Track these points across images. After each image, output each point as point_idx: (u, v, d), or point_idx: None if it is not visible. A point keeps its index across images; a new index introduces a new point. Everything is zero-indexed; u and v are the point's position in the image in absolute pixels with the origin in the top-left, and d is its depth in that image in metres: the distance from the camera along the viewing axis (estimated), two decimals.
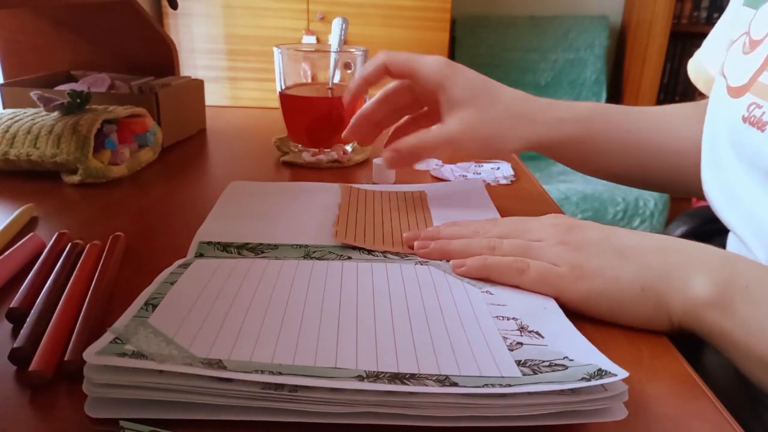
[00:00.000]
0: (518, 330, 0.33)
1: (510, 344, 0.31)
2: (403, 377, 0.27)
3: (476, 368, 0.28)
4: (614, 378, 0.27)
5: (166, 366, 0.25)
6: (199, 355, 0.27)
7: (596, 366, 0.28)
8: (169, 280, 0.35)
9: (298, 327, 0.31)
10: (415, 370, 0.28)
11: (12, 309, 0.34)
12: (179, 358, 0.26)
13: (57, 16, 0.78)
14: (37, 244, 0.43)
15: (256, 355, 0.28)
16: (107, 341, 0.27)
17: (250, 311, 0.32)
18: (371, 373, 0.27)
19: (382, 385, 0.26)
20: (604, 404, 0.27)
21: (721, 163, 0.45)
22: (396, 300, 0.35)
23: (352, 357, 0.28)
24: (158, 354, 0.26)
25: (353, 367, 0.27)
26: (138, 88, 0.71)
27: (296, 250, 0.43)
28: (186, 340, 0.28)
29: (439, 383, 0.26)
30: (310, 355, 0.28)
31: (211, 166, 0.69)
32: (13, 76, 0.79)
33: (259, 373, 0.26)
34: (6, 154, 0.58)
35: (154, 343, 0.28)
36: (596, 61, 2.50)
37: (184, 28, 2.24)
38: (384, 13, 2.21)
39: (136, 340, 0.27)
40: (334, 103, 0.69)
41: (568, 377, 0.27)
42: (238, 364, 0.27)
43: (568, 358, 0.30)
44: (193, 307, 0.32)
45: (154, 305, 0.32)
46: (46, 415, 0.28)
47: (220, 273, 0.37)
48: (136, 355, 0.26)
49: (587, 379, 0.27)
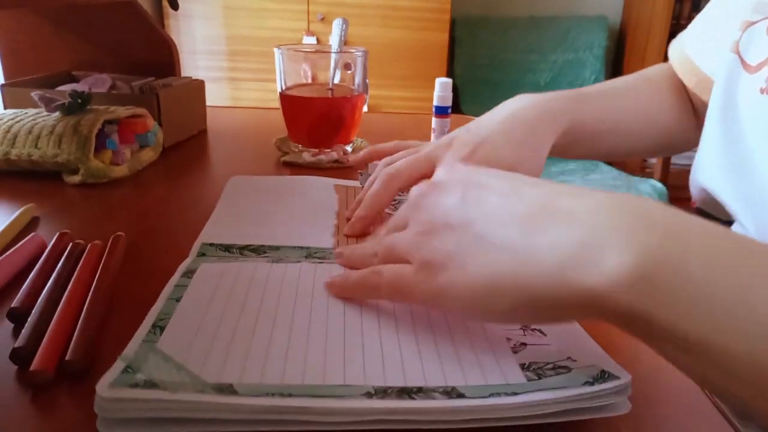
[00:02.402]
0: (521, 329, 0.33)
1: (514, 345, 0.32)
2: (411, 391, 0.27)
3: (481, 376, 0.29)
4: (617, 381, 0.27)
5: (179, 396, 0.26)
6: (210, 380, 0.27)
7: (599, 368, 0.29)
8: (175, 295, 0.35)
9: (305, 341, 0.31)
10: (422, 382, 0.28)
11: (13, 309, 0.34)
12: (190, 386, 0.27)
13: (58, 16, 0.78)
14: (38, 244, 0.43)
15: (265, 375, 0.28)
16: (118, 371, 0.27)
17: (258, 327, 0.32)
18: (379, 389, 0.27)
19: (391, 401, 0.27)
20: (608, 400, 0.27)
21: (736, 139, 0.45)
22: (400, 306, 0.35)
23: (360, 371, 0.29)
24: (170, 383, 0.27)
25: (361, 383, 0.28)
26: (139, 88, 0.71)
27: (297, 251, 0.43)
28: (196, 365, 0.29)
29: (446, 395, 0.27)
30: (319, 372, 0.29)
31: (211, 166, 0.69)
32: (14, 77, 0.79)
33: (270, 397, 0.26)
34: (7, 155, 0.58)
35: (165, 369, 0.28)
36: (595, 62, 2.50)
37: (185, 28, 2.24)
38: (384, 14, 2.21)
39: (147, 368, 0.28)
40: (334, 103, 0.69)
41: (571, 381, 0.28)
42: (249, 387, 0.27)
43: (571, 359, 0.30)
44: (200, 326, 0.32)
45: (161, 327, 0.32)
46: (47, 415, 0.28)
47: (224, 283, 0.37)
48: (148, 385, 0.26)
49: (590, 383, 0.27)
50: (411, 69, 2.28)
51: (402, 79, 2.29)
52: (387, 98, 2.31)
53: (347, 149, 0.69)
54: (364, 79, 0.69)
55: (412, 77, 2.29)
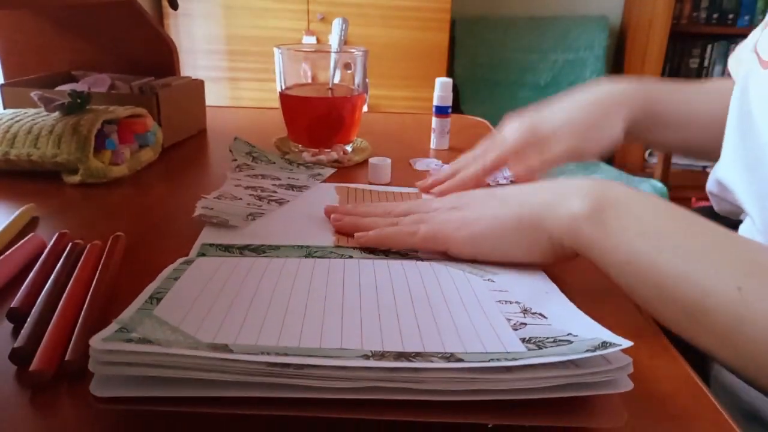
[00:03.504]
0: (521, 312, 0.33)
1: (514, 324, 0.32)
2: (409, 355, 0.27)
3: (481, 345, 0.29)
4: (618, 347, 0.27)
5: (173, 350, 0.25)
6: (205, 340, 0.27)
7: (600, 339, 0.28)
8: (173, 275, 0.36)
9: (303, 314, 0.31)
10: (420, 348, 0.28)
11: (13, 309, 0.34)
12: (185, 343, 0.27)
13: (58, 16, 0.78)
14: (38, 244, 0.43)
15: (261, 338, 0.28)
16: (113, 330, 0.27)
17: (254, 301, 0.33)
18: (377, 353, 0.27)
19: (388, 362, 0.26)
20: (609, 376, 0.27)
21: (749, 134, 0.46)
22: (399, 290, 0.36)
23: (357, 339, 0.29)
24: (164, 339, 0.27)
25: (358, 347, 0.28)
26: (138, 88, 0.71)
27: (298, 250, 0.43)
28: (192, 328, 0.29)
29: (444, 359, 0.27)
30: (315, 338, 0.29)
31: (211, 166, 0.69)
32: (14, 77, 0.79)
33: (265, 354, 0.26)
34: (6, 155, 0.58)
35: (160, 331, 0.28)
36: (596, 62, 2.50)
37: (185, 28, 2.24)
38: (384, 14, 2.21)
39: (142, 329, 0.28)
40: (334, 103, 0.69)
41: (572, 350, 0.27)
42: (244, 347, 0.27)
43: (572, 335, 0.30)
44: (197, 299, 0.32)
45: (158, 299, 0.32)
46: (46, 414, 0.28)
47: (223, 269, 0.37)
48: (142, 341, 0.26)
49: (592, 351, 0.27)
50: (411, 69, 2.28)
51: (402, 79, 2.29)
52: (387, 98, 2.31)
53: (347, 149, 0.69)
54: (364, 79, 0.69)
55: (412, 77, 2.29)
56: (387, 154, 0.65)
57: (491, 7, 2.60)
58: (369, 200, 0.55)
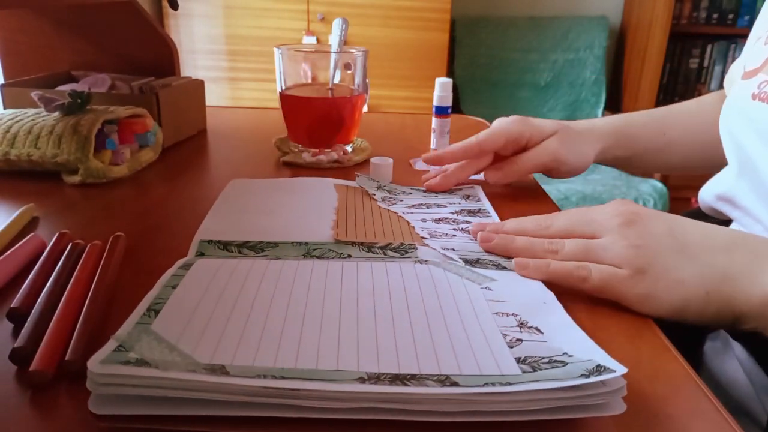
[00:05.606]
0: (518, 326, 0.33)
1: (510, 341, 0.32)
2: (404, 378, 0.27)
3: (476, 367, 0.29)
4: (613, 374, 0.27)
5: (170, 374, 0.26)
6: (202, 360, 0.27)
7: (595, 362, 0.29)
8: (171, 283, 0.36)
9: (300, 328, 0.31)
10: (416, 370, 0.28)
11: (13, 309, 0.34)
12: (182, 365, 0.27)
13: (58, 16, 0.78)
14: (38, 244, 0.43)
15: (258, 359, 0.28)
16: (110, 349, 0.27)
17: (252, 314, 0.33)
18: (372, 375, 0.27)
19: (384, 386, 0.26)
20: (602, 399, 0.27)
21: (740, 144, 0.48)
22: (396, 299, 0.36)
23: (354, 358, 0.29)
24: (162, 361, 0.27)
25: (355, 369, 0.28)
26: (138, 88, 0.71)
27: (296, 247, 0.43)
28: (189, 346, 0.29)
29: (439, 383, 0.27)
30: (312, 357, 0.29)
31: (211, 166, 0.69)
32: (14, 77, 0.79)
33: (261, 378, 0.26)
34: (7, 155, 0.58)
35: (157, 350, 0.28)
36: (596, 62, 2.50)
37: (185, 28, 2.24)
38: (384, 14, 2.21)
39: (139, 348, 0.28)
40: (334, 103, 0.69)
41: (567, 374, 0.28)
42: (241, 369, 0.27)
43: (567, 354, 0.30)
44: (195, 311, 0.32)
45: (156, 311, 0.32)
46: (46, 415, 0.28)
47: (221, 274, 0.37)
48: (140, 363, 0.26)
49: (586, 376, 0.27)
50: (411, 69, 2.28)
51: (402, 79, 2.29)
52: (387, 98, 2.31)
53: (347, 149, 0.69)
54: (364, 79, 0.69)
55: (412, 77, 2.29)
56: (387, 154, 0.65)
57: (491, 7, 2.60)
58: (371, 199, 0.55)
